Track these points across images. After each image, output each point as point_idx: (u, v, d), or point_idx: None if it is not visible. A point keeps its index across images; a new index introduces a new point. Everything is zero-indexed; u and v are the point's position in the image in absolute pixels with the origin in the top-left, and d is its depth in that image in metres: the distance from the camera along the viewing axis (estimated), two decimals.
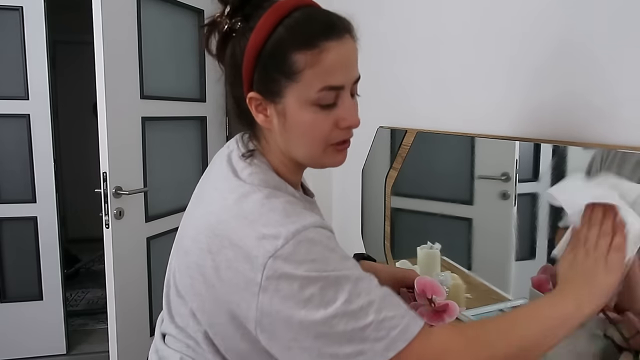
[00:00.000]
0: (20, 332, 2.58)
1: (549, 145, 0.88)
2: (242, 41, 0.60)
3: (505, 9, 1.00)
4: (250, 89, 0.61)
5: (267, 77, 0.59)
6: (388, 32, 1.55)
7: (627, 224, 0.58)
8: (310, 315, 0.53)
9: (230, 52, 0.61)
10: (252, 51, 0.58)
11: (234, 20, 0.59)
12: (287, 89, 0.59)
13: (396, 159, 1.43)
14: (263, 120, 0.62)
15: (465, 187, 1.19)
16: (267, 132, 0.64)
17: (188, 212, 0.73)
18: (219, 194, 0.62)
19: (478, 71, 1.10)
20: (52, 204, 2.54)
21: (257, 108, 0.62)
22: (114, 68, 1.79)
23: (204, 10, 2.29)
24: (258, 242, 0.55)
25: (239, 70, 0.61)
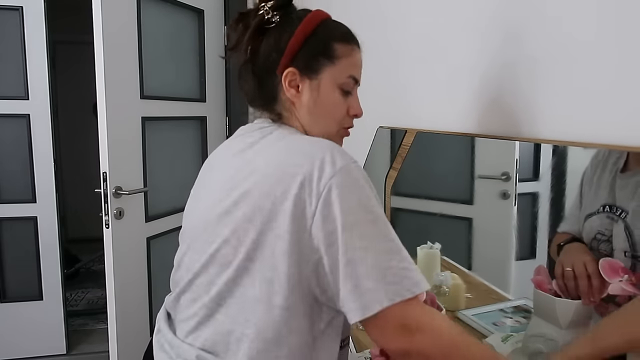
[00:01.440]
0: (20, 332, 2.58)
1: (549, 145, 0.88)
2: (288, 28, 0.73)
3: (505, 10, 1.00)
4: (287, 66, 0.73)
5: (311, 56, 0.73)
6: (388, 32, 1.55)
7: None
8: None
9: (274, 37, 0.73)
10: (301, 35, 0.72)
11: (275, 13, 0.72)
12: (325, 67, 0.74)
13: (396, 158, 1.43)
14: (293, 94, 0.74)
15: (465, 186, 1.19)
16: (289, 109, 0.75)
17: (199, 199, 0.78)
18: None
19: (478, 71, 1.10)
20: (52, 204, 2.54)
21: (290, 83, 0.73)
22: (114, 68, 1.79)
23: (204, 10, 2.29)
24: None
25: (279, 51, 0.72)
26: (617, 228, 0.73)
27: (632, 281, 0.66)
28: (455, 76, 1.20)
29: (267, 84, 0.74)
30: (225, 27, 2.44)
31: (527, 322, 0.92)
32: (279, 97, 0.75)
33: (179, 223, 0.82)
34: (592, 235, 0.78)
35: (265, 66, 0.74)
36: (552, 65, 0.87)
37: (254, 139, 0.73)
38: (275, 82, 0.74)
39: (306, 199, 0.62)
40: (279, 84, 0.74)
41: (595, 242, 0.78)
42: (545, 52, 0.89)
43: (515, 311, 1.02)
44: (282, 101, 0.75)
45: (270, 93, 0.75)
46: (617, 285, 0.67)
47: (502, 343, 0.94)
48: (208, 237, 0.70)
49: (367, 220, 0.62)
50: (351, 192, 0.62)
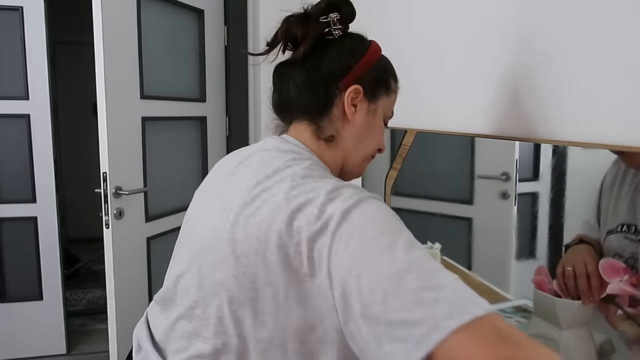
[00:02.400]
0: (20, 332, 2.58)
1: (549, 145, 0.88)
2: (357, 49, 0.75)
3: (505, 10, 1.00)
4: (354, 83, 0.73)
5: (376, 82, 0.76)
6: (388, 33, 1.55)
7: None
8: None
9: (341, 51, 0.73)
10: (370, 59, 0.75)
11: (340, 27, 0.74)
12: (382, 96, 0.78)
13: (396, 159, 1.43)
14: (352, 112, 0.73)
15: (465, 186, 1.19)
16: (336, 124, 0.74)
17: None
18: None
19: (478, 71, 1.10)
20: (52, 204, 2.54)
21: (352, 100, 0.73)
22: (114, 68, 1.79)
23: (204, 10, 2.29)
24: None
25: (345, 67, 0.73)
26: (638, 249, 0.69)
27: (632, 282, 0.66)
28: (455, 76, 1.20)
29: (325, 93, 0.73)
30: (225, 27, 2.44)
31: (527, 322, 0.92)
32: (332, 110, 0.73)
33: (179, 223, 0.79)
34: (610, 255, 0.76)
35: (329, 76, 0.73)
36: (552, 66, 0.87)
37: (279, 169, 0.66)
38: (332, 94, 0.73)
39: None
40: (336, 97, 0.73)
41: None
42: (546, 53, 0.89)
43: (515, 311, 1.02)
44: (332, 115, 0.74)
45: (325, 103, 0.73)
46: (616, 285, 0.67)
47: None
48: (214, 262, 0.63)
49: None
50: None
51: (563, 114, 0.85)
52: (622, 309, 0.68)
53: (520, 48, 0.96)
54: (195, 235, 0.69)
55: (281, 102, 0.77)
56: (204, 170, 2.33)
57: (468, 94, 1.14)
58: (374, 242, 0.54)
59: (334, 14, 0.72)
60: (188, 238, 0.73)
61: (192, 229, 0.72)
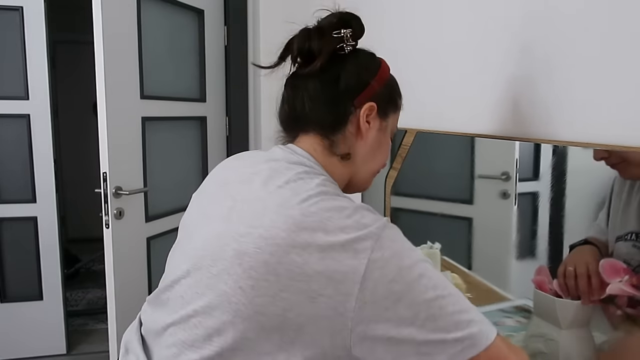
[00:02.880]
0: (20, 332, 2.58)
1: (549, 145, 0.88)
2: (371, 65, 0.76)
3: (505, 11, 1.00)
4: (369, 100, 0.73)
5: (389, 99, 0.77)
6: (388, 33, 1.55)
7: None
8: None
9: (356, 67, 0.74)
10: (383, 77, 0.76)
11: (352, 43, 0.74)
12: (391, 114, 0.78)
13: (396, 158, 1.43)
14: (366, 128, 0.73)
15: (465, 186, 1.19)
16: (349, 140, 0.73)
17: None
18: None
19: (478, 71, 1.10)
20: (52, 204, 2.54)
21: (367, 116, 0.73)
22: (114, 68, 1.79)
23: (204, 10, 2.29)
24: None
25: (361, 83, 0.73)
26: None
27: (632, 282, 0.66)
28: (455, 76, 1.20)
29: (340, 109, 0.72)
30: (225, 27, 2.44)
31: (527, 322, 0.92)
32: (346, 126, 0.73)
33: (179, 223, 0.79)
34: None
35: (347, 91, 0.72)
36: (552, 65, 0.87)
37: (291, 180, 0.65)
38: (348, 110, 0.72)
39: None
40: (352, 114, 0.72)
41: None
42: (546, 53, 0.89)
43: (515, 311, 1.02)
44: (346, 131, 0.73)
45: (341, 119, 0.72)
46: (616, 285, 0.67)
47: None
48: (218, 272, 0.61)
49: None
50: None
51: (563, 114, 0.85)
52: (621, 310, 0.68)
53: (520, 48, 0.96)
54: (196, 241, 0.67)
55: (294, 115, 0.75)
56: (204, 171, 2.33)
57: (468, 94, 1.14)
58: (410, 268, 0.57)
59: (347, 30, 0.73)
60: (187, 243, 0.71)
61: (192, 234, 0.70)
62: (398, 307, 0.55)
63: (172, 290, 0.67)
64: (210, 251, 0.63)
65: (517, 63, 0.97)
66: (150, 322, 0.71)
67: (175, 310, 0.65)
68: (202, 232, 0.67)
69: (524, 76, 0.95)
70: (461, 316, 0.56)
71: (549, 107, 0.88)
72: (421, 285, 0.56)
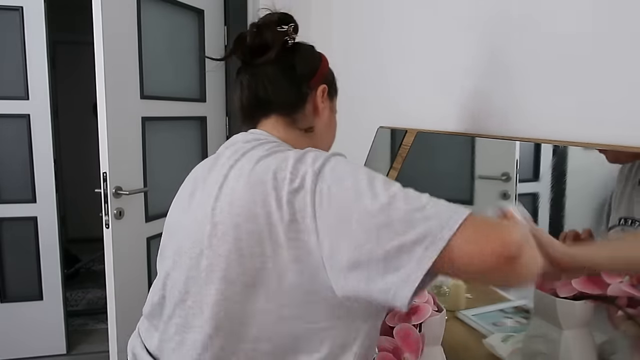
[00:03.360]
0: (20, 332, 2.58)
1: (549, 145, 0.88)
2: (315, 54, 0.87)
3: (504, 9, 1.00)
4: (321, 83, 0.84)
5: (333, 83, 0.89)
6: (388, 33, 1.55)
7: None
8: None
9: (305, 55, 0.84)
10: (326, 64, 0.88)
11: (294, 36, 0.83)
12: (335, 97, 0.90)
13: (396, 159, 1.43)
14: (322, 107, 0.84)
15: (465, 186, 1.19)
16: (309, 117, 0.83)
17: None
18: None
19: (478, 71, 1.10)
20: (52, 204, 2.54)
21: (322, 96, 0.84)
22: (114, 68, 1.79)
23: (204, 10, 2.29)
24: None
25: (313, 69, 0.84)
26: None
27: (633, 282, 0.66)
28: (455, 76, 1.20)
29: (300, 90, 0.82)
30: (225, 27, 2.44)
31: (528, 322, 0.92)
32: (305, 105, 0.83)
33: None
34: None
35: (302, 76, 0.82)
36: (552, 65, 0.87)
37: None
38: (305, 92, 0.82)
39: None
40: (308, 95, 0.83)
41: None
42: (546, 53, 0.89)
43: (515, 311, 1.02)
44: (305, 109, 0.83)
45: (300, 99, 0.82)
46: (616, 286, 0.67)
47: (503, 343, 0.94)
48: (199, 252, 0.67)
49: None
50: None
51: (563, 114, 0.85)
52: (622, 310, 0.68)
53: (521, 48, 0.96)
54: (178, 235, 0.73)
55: (256, 100, 0.82)
56: None
57: (468, 94, 1.14)
58: (353, 189, 0.59)
59: (289, 25, 0.82)
60: (170, 242, 0.76)
61: (174, 232, 0.76)
62: (351, 230, 0.57)
63: (166, 288, 0.73)
64: (191, 238, 0.69)
65: (518, 63, 0.97)
66: (151, 334, 0.76)
67: (170, 302, 0.70)
68: (183, 225, 0.73)
69: (525, 76, 0.95)
70: (413, 215, 0.56)
71: (549, 106, 0.88)
72: (365, 200, 0.57)
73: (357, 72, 1.87)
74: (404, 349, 0.72)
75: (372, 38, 1.70)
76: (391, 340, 0.75)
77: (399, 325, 0.76)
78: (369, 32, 1.75)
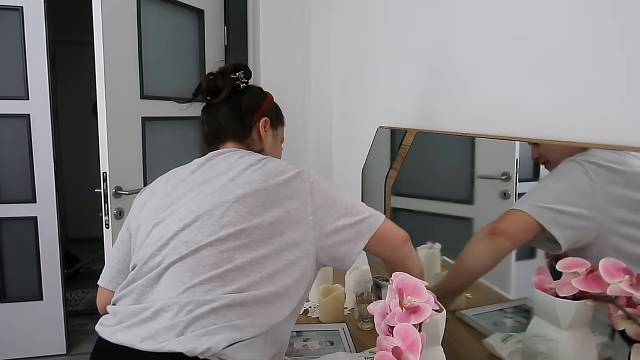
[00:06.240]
0: (20, 332, 2.58)
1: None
2: (261, 94, 1.10)
3: (504, 10, 1.00)
4: (264, 115, 1.06)
5: (276, 117, 1.10)
6: (388, 33, 1.55)
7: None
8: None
9: (251, 95, 1.07)
10: (270, 101, 1.10)
11: (245, 81, 1.07)
12: (279, 127, 1.12)
13: (396, 159, 1.43)
14: (264, 135, 1.06)
15: (465, 186, 1.19)
16: (256, 143, 1.05)
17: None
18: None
19: (478, 71, 1.10)
20: (52, 204, 2.55)
21: (264, 127, 1.06)
22: (114, 68, 1.79)
23: (204, 10, 2.29)
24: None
25: (256, 105, 1.06)
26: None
27: (632, 282, 0.66)
28: (455, 76, 1.20)
29: (247, 123, 1.04)
30: (225, 27, 2.44)
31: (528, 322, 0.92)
32: (252, 134, 1.05)
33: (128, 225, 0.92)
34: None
35: (247, 111, 1.05)
36: (552, 65, 0.87)
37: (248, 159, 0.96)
38: (250, 123, 1.04)
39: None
40: (253, 125, 1.05)
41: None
42: (546, 52, 0.89)
43: (515, 311, 1.02)
44: (252, 137, 1.05)
45: (248, 129, 1.05)
46: (616, 286, 0.67)
47: (502, 343, 0.94)
48: (219, 214, 0.86)
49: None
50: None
51: (563, 114, 0.85)
52: (622, 309, 0.68)
53: (520, 48, 0.96)
54: (181, 210, 0.90)
55: (214, 131, 1.05)
56: None
57: (468, 94, 1.14)
58: (330, 184, 0.94)
59: (240, 72, 1.05)
60: (168, 217, 0.91)
61: (169, 214, 0.91)
62: (335, 206, 0.90)
63: (168, 246, 0.86)
64: (209, 205, 0.87)
65: (519, 64, 0.97)
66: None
67: (178, 253, 0.84)
68: (187, 204, 0.90)
69: (525, 76, 0.95)
70: (366, 207, 0.94)
71: (549, 106, 0.88)
72: (340, 191, 0.93)
73: (357, 72, 1.87)
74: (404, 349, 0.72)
75: (372, 38, 1.70)
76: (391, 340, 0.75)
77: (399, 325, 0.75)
78: (368, 32, 1.75)
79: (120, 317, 0.82)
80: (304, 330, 1.28)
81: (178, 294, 0.80)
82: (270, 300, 0.83)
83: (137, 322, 0.79)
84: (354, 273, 1.43)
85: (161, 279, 0.83)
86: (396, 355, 0.74)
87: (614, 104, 0.75)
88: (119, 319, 0.82)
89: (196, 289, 0.80)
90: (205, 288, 0.80)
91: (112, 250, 1.02)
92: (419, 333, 0.73)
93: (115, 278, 0.97)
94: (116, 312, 0.84)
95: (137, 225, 0.96)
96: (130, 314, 0.81)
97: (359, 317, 1.31)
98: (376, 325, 0.80)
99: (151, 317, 0.79)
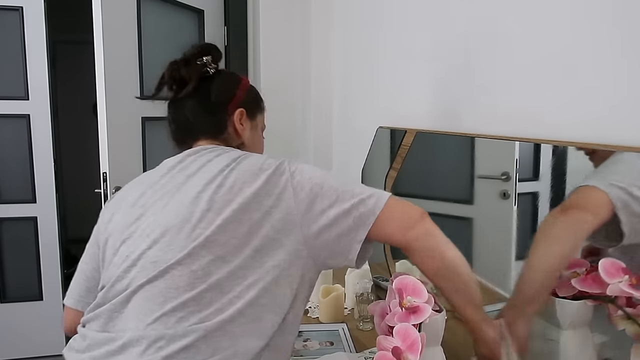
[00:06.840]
0: (20, 332, 2.58)
1: (549, 145, 0.88)
2: (233, 80, 0.95)
3: (505, 11, 1.00)
4: (238, 107, 0.92)
5: (254, 105, 0.97)
6: (388, 33, 1.55)
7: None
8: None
9: (222, 83, 0.92)
10: (245, 88, 0.96)
11: (213, 66, 0.92)
12: (259, 115, 0.99)
13: (396, 159, 1.43)
14: (241, 128, 0.93)
15: (465, 186, 1.19)
16: (233, 137, 0.93)
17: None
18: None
19: (478, 71, 1.10)
20: (52, 204, 2.55)
21: (240, 119, 0.93)
22: (114, 68, 1.79)
23: (204, 10, 2.29)
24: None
25: (229, 95, 0.92)
26: None
27: (632, 282, 0.66)
28: (455, 76, 1.20)
29: (217, 117, 0.91)
30: (225, 27, 2.44)
31: None
32: (227, 128, 0.92)
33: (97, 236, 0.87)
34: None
35: (218, 103, 0.91)
36: (552, 66, 0.87)
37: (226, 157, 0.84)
38: (225, 116, 0.92)
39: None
40: (228, 119, 0.92)
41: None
42: (546, 52, 0.89)
43: None
44: (228, 132, 0.92)
45: (222, 124, 0.92)
46: (616, 286, 0.67)
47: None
48: (190, 227, 0.75)
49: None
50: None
51: (563, 114, 0.85)
52: (621, 309, 0.68)
53: (520, 48, 0.96)
54: (148, 224, 0.79)
55: (182, 129, 0.92)
56: None
57: (468, 94, 1.14)
58: (315, 170, 0.80)
59: (207, 57, 0.90)
60: (135, 232, 0.80)
61: (137, 226, 0.80)
62: (323, 193, 0.76)
63: (138, 263, 0.76)
64: (179, 217, 0.76)
65: (518, 63, 0.97)
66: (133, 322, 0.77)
67: (145, 274, 0.75)
68: (157, 215, 0.79)
69: (525, 76, 0.95)
70: (365, 187, 0.80)
71: (549, 106, 0.88)
72: (328, 176, 0.79)
73: (356, 72, 1.87)
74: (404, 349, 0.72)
75: (371, 38, 1.70)
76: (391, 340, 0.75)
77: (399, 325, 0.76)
78: (368, 32, 1.75)
79: (89, 343, 0.77)
80: (304, 330, 1.28)
81: (147, 325, 0.71)
82: (257, 312, 0.73)
83: (105, 354, 0.74)
84: (354, 273, 1.42)
85: (129, 303, 0.75)
86: (396, 355, 0.74)
87: (614, 104, 0.75)
88: (87, 344, 0.77)
89: (167, 317, 0.71)
90: (178, 315, 0.71)
91: (80, 264, 0.93)
92: (418, 333, 0.73)
93: (84, 297, 0.89)
94: (85, 335, 0.79)
95: (105, 239, 0.87)
96: (99, 342, 0.76)
97: (359, 317, 1.31)
98: (376, 325, 0.81)
99: (118, 351, 0.72)
